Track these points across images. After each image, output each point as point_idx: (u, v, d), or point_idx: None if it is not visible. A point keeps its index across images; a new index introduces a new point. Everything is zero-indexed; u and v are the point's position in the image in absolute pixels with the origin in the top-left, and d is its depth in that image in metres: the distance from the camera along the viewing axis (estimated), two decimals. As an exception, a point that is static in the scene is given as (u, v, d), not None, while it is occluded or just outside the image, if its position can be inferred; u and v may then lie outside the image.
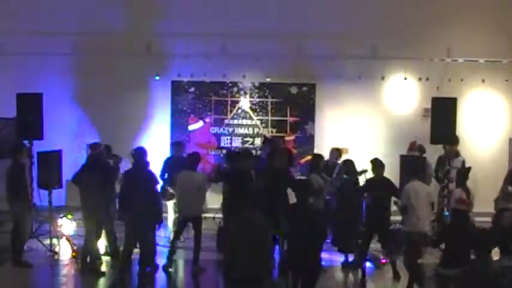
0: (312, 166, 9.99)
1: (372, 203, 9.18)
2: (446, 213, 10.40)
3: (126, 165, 9.97)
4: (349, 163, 9.84)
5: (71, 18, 12.70)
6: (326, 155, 11.00)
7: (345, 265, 9.61)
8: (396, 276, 8.99)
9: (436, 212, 10.89)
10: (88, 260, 9.19)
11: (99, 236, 9.31)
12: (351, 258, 9.66)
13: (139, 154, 8.81)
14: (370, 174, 9.63)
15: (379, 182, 9.09)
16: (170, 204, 10.79)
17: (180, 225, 9.49)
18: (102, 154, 9.69)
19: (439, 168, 11.41)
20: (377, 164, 9.16)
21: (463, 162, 11.18)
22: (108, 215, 9.37)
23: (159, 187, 9.53)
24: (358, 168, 10.18)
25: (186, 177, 9.23)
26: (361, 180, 10.15)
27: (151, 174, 8.91)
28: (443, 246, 7.62)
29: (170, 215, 10.84)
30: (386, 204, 9.12)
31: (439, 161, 11.43)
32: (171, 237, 9.74)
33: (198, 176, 9.38)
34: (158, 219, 8.81)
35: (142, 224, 8.46)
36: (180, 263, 9.80)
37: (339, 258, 9.74)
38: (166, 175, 10.67)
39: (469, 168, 10.36)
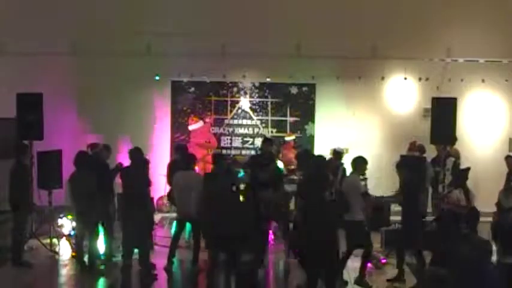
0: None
1: None
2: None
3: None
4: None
5: (71, 18, 12.69)
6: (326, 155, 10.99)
7: None
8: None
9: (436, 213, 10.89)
10: (87, 259, 9.18)
11: (97, 236, 9.30)
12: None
13: (137, 154, 8.94)
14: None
15: None
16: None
17: (178, 226, 9.47)
18: (102, 154, 9.69)
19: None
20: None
21: (454, 163, 11.18)
22: (106, 214, 9.36)
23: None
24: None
25: (183, 177, 9.22)
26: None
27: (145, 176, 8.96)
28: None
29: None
30: None
31: (432, 162, 11.39)
32: (172, 237, 9.73)
33: (194, 175, 9.39)
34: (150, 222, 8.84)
35: (138, 224, 8.43)
36: (180, 263, 9.79)
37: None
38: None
39: (469, 169, 10.33)
